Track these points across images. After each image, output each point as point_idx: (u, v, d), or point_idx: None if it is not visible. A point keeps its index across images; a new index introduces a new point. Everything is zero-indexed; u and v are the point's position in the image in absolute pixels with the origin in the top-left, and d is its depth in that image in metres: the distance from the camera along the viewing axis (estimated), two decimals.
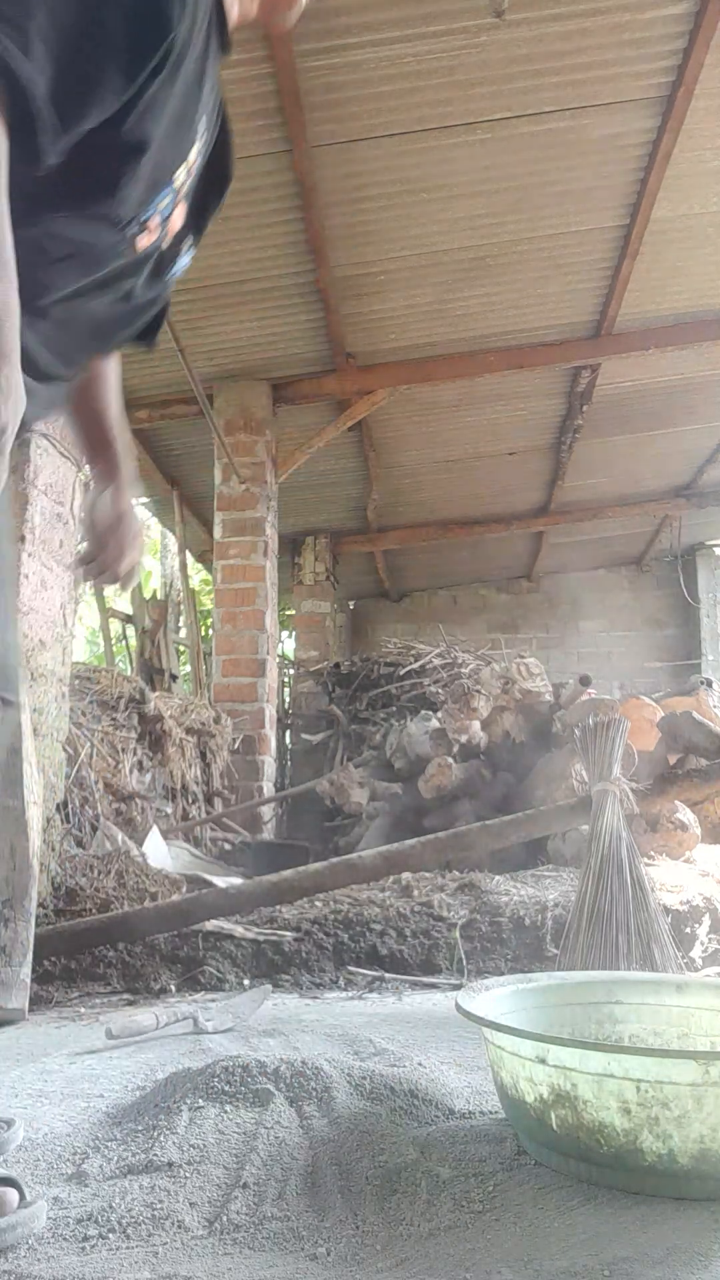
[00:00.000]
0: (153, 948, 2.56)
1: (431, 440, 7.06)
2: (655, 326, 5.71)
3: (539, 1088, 1.22)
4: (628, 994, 1.62)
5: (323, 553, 9.02)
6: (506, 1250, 1.02)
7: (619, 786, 2.61)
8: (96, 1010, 2.26)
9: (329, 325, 5.34)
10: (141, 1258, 1.02)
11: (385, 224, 4.62)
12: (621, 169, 4.40)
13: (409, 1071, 1.67)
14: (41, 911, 2.50)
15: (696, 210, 4.73)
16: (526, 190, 4.47)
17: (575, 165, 4.34)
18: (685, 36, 3.71)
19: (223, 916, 2.65)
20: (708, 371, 6.30)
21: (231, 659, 5.81)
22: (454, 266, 5.01)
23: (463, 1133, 1.32)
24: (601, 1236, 1.04)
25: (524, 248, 4.90)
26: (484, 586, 11.06)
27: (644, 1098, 1.13)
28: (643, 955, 2.26)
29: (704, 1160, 1.13)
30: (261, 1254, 1.03)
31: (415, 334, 5.54)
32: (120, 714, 4.18)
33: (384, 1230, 1.07)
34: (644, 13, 3.59)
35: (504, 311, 5.51)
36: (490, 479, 8.00)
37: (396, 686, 6.25)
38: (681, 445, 7.72)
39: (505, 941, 2.70)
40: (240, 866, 4.20)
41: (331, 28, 3.50)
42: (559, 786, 3.99)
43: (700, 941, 2.71)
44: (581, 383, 6.23)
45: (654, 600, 10.77)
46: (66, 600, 2.94)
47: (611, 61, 3.78)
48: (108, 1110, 1.49)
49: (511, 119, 4.01)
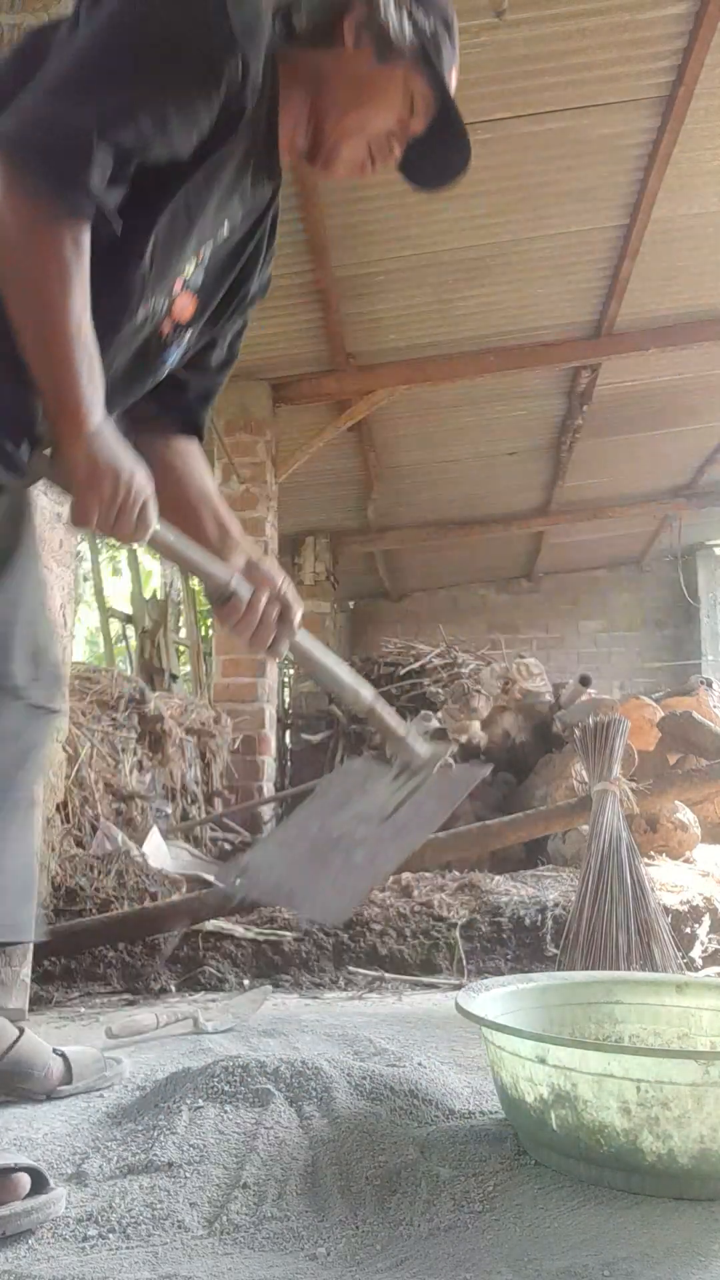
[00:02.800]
0: (153, 948, 2.56)
1: (431, 440, 7.06)
2: (655, 326, 5.70)
3: (539, 1088, 1.22)
4: (627, 994, 1.62)
5: (323, 553, 9.02)
6: (506, 1250, 1.02)
7: (619, 786, 2.61)
8: (96, 1010, 2.26)
9: (329, 325, 5.34)
10: (141, 1258, 1.02)
11: (385, 224, 4.61)
12: (621, 169, 4.40)
13: (409, 1071, 1.67)
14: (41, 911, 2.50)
15: (696, 210, 4.73)
16: (526, 190, 4.46)
17: (575, 165, 4.33)
18: (685, 36, 3.71)
19: (223, 916, 2.65)
20: (708, 371, 6.30)
21: (231, 659, 5.81)
22: (454, 266, 5.00)
23: (463, 1133, 1.32)
24: (601, 1236, 1.04)
25: (524, 248, 4.89)
26: (484, 586, 11.05)
27: (644, 1098, 1.13)
28: (643, 955, 2.27)
29: (704, 1160, 1.13)
30: (261, 1254, 1.03)
31: (415, 334, 5.54)
32: (120, 714, 4.18)
33: (384, 1230, 1.07)
34: (644, 13, 3.59)
35: (504, 311, 5.50)
36: (490, 479, 8.00)
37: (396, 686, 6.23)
38: (681, 445, 7.72)
39: (505, 941, 2.71)
40: None
41: None
42: (559, 786, 3.99)
43: (700, 941, 2.71)
44: (581, 383, 6.22)
45: (654, 600, 10.76)
46: (66, 600, 2.94)
47: (611, 61, 3.78)
48: (108, 1110, 1.49)
49: (511, 119, 4.00)
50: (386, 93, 1.23)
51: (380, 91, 1.23)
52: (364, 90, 1.23)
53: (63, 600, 2.92)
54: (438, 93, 1.24)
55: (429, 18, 1.24)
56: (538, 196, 4.51)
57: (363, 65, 1.22)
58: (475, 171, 4.76)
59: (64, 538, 2.91)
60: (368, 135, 1.26)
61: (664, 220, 4.72)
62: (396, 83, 1.23)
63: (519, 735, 4.85)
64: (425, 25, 1.23)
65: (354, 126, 1.24)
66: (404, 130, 1.27)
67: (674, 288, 5.39)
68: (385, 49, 1.21)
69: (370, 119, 1.24)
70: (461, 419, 6.76)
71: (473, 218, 4.63)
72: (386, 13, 1.20)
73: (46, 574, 2.78)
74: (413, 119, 1.26)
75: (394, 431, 6.80)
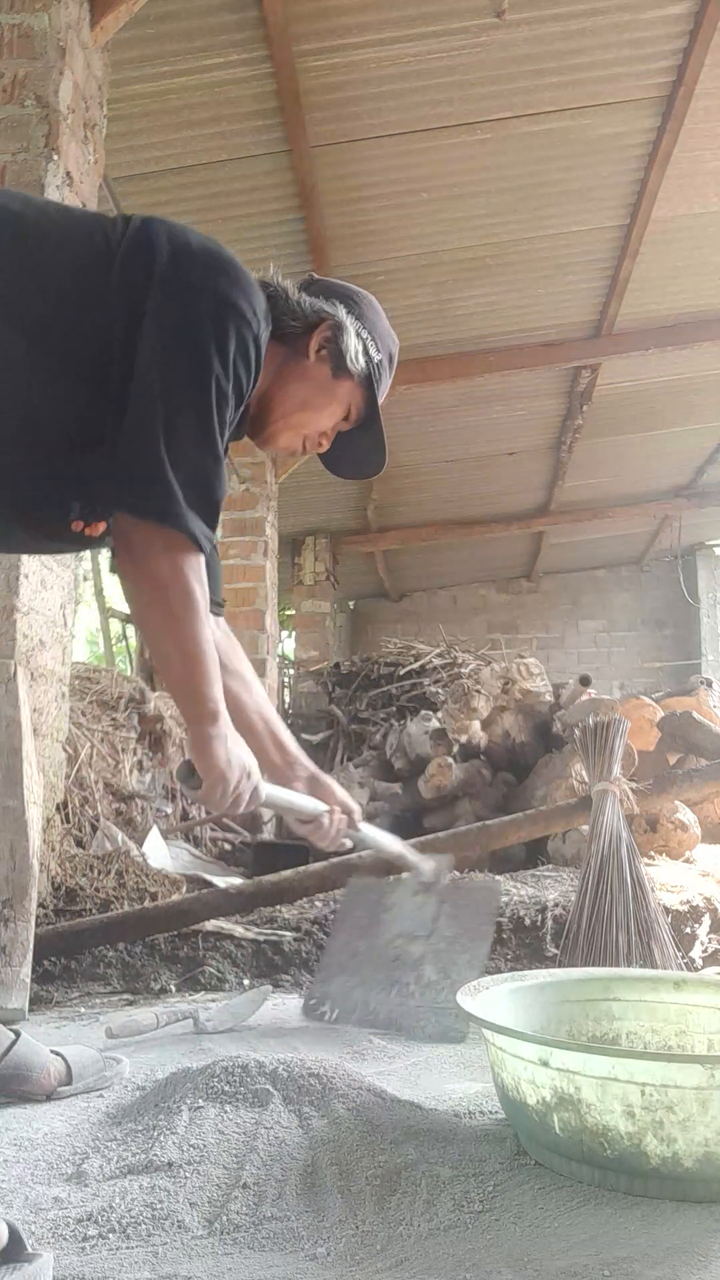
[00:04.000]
0: (153, 948, 2.56)
1: (431, 440, 7.06)
2: (655, 326, 5.71)
3: (541, 1090, 1.21)
4: (625, 991, 1.62)
5: (323, 553, 9.02)
6: (506, 1250, 1.01)
7: (619, 786, 2.61)
8: (96, 1010, 2.26)
9: None
10: (141, 1258, 1.02)
11: (385, 224, 4.61)
12: (621, 169, 4.40)
13: (409, 1071, 1.67)
14: (41, 911, 2.50)
15: (696, 210, 4.73)
16: (526, 190, 4.47)
17: (575, 165, 4.33)
18: (685, 36, 3.71)
19: (223, 916, 2.65)
20: (708, 371, 6.30)
21: None
22: (454, 266, 5.01)
23: (463, 1133, 1.32)
24: (601, 1237, 1.04)
25: (524, 248, 4.90)
26: (484, 586, 11.06)
27: (649, 1101, 1.13)
28: (643, 955, 2.26)
29: (708, 1164, 1.13)
30: (261, 1254, 1.03)
31: (415, 334, 5.54)
32: (120, 714, 4.17)
33: (383, 1230, 1.07)
34: (644, 13, 3.59)
35: (504, 311, 5.50)
36: (490, 479, 8.00)
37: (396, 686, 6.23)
38: (681, 445, 7.73)
39: (505, 941, 2.70)
40: (240, 866, 4.19)
41: (331, 28, 3.50)
42: (559, 786, 3.99)
43: (700, 941, 2.71)
44: (581, 383, 6.23)
45: (654, 600, 10.77)
46: (66, 600, 2.94)
47: (612, 61, 3.78)
48: (108, 1110, 1.49)
49: (511, 119, 4.01)
50: (332, 402, 1.45)
51: (329, 400, 1.44)
52: (315, 396, 1.43)
53: (63, 600, 2.91)
54: (370, 409, 1.48)
55: (379, 351, 1.47)
56: (538, 196, 4.51)
57: (319, 376, 1.43)
58: (475, 171, 4.81)
59: None
60: (306, 431, 1.47)
61: (664, 220, 4.72)
62: (343, 395, 1.45)
63: (519, 735, 4.85)
64: (375, 355, 1.46)
65: (299, 422, 1.45)
66: (334, 431, 1.50)
67: (674, 288, 5.39)
68: (340, 367, 1.43)
69: (314, 420, 1.45)
70: (461, 419, 6.76)
71: (473, 218, 4.63)
72: (348, 339, 1.42)
73: (47, 574, 2.79)
74: (345, 423, 1.49)
75: (394, 431, 6.76)
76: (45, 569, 2.79)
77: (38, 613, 2.73)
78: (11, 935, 2.15)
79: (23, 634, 2.63)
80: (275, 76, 3.64)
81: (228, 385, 1.24)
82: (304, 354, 1.42)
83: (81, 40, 2.88)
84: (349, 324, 1.44)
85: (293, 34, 3.47)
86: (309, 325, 1.43)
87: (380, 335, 1.49)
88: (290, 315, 1.42)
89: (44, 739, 2.76)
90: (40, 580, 2.75)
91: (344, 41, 3.56)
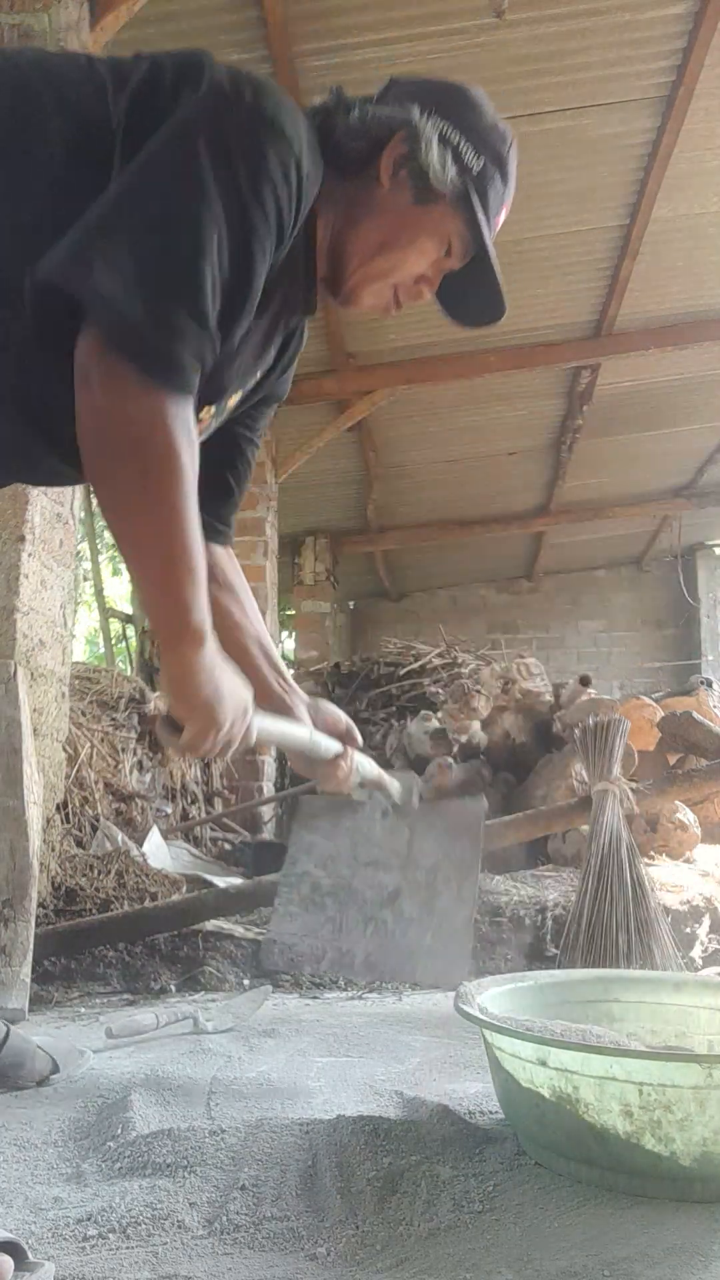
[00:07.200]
0: (153, 948, 2.56)
1: (431, 440, 7.06)
2: (655, 326, 5.70)
3: (540, 1090, 1.22)
4: (625, 992, 1.62)
5: (323, 553, 9.01)
6: (506, 1250, 1.01)
7: (619, 786, 2.61)
8: (96, 1010, 2.26)
9: (329, 325, 5.34)
10: (141, 1258, 1.02)
11: None
12: (621, 169, 4.40)
13: (409, 1072, 1.67)
14: (41, 911, 2.50)
15: (696, 210, 4.73)
16: (526, 190, 4.44)
17: (575, 165, 4.33)
18: (685, 36, 3.71)
19: (223, 916, 2.65)
20: (708, 371, 6.30)
21: None
22: None
23: (462, 1133, 1.32)
24: (601, 1237, 1.04)
25: (524, 248, 4.89)
26: (484, 586, 11.05)
27: (647, 1101, 1.13)
28: (643, 955, 2.26)
29: (707, 1163, 1.13)
30: (261, 1254, 1.03)
31: (415, 334, 5.54)
32: (120, 714, 4.17)
33: (383, 1230, 1.07)
34: (644, 13, 3.59)
35: None
36: (490, 479, 7.99)
37: (396, 686, 6.23)
38: (681, 445, 7.72)
39: (505, 941, 2.70)
40: (240, 866, 4.19)
41: (331, 28, 3.50)
42: (559, 786, 3.99)
43: (700, 941, 2.71)
44: (581, 383, 6.22)
45: (654, 600, 10.76)
46: (66, 600, 2.94)
47: (611, 61, 3.78)
48: (108, 1110, 1.49)
49: (511, 119, 3.97)
50: (420, 237, 1.13)
51: (414, 235, 1.12)
52: (396, 233, 1.12)
53: (63, 600, 2.91)
54: (475, 239, 1.13)
55: (479, 156, 1.12)
56: (538, 196, 4.50)
57: (398, 205, 1.11)
58: None
59: (63, 537, 2.91)
60: (395, 279, 1.16)
61: (664, 220, 4.72)
62: (432, 225, 1.12)
63: (519, 735, 4.85)
64: (473, 164, 1.11)
65: (381, 270, 1.14)
66: (437, 273, 1.18)
67: (674, 288, 5.39)
68: (424, 189, 1.10)
69: (400, 264, 1.14)
70: (461, 419, 6.76)
71: None
72: (429, 153, 1.09)
73: (47, 574, 2.79)
74: (448, 260, 1.16)
75: (394, 431, 6.80)
76: (45, 569, 2.79)
77: (38, 613, 2.73)
78: (11, 935, 2.15)
79: (23, 634, 2.63)
80: (275, 76, 3.64)
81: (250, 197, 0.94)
82: (377, 180, 1.10)
83: (81, 40, 2.88)
84: (427, 129, 1.09)
85: (293, 34, 3.47)
86: (376, 143, 1.10)
87: (481, 134, 1.12)
88: (351, 136, 1.09)
89: (44, 739, 2.76)
90: (40, 580, 2.75)
91: (344, 41, 3.56)
